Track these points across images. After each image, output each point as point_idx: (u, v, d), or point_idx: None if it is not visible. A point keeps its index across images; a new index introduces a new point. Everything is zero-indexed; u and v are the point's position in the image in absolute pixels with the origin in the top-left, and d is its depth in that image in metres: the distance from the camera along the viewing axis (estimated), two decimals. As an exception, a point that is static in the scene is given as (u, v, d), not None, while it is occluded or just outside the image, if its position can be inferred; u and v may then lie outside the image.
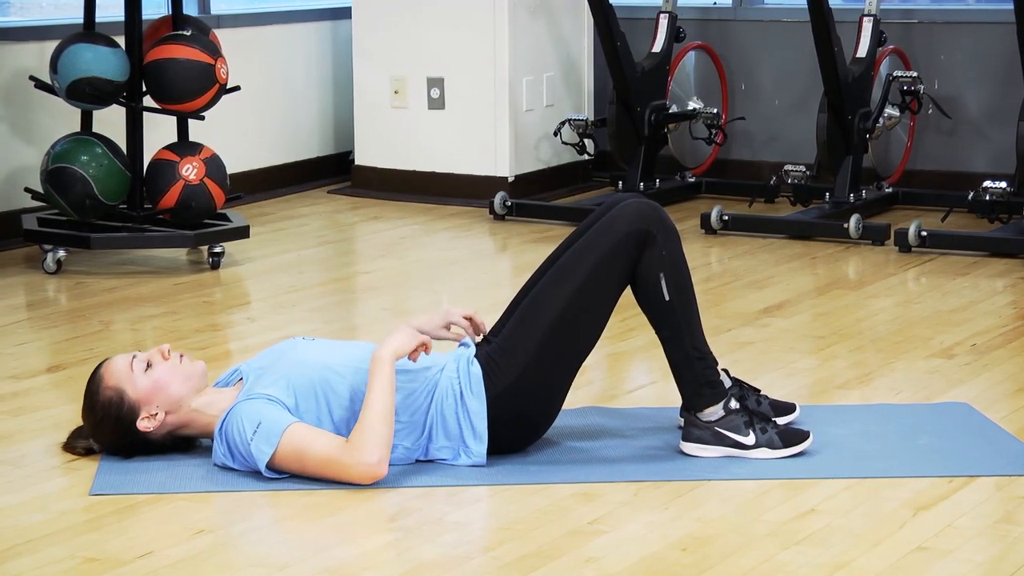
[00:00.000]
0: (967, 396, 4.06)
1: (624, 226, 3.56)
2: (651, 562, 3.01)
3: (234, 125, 6.71)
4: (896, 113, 6.51)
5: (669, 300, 3.56)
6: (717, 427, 3.57)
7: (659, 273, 3.55)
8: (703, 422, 3.58)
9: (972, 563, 2.99)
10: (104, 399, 3.48)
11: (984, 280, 5.41)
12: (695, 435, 3.59)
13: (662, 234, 3.56)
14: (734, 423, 3.57)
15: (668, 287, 3.55)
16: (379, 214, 6.71)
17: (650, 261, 3.55)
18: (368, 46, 7.07)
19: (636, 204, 3.61)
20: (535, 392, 3.54)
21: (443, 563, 3.02)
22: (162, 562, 3.01)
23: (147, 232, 5.62)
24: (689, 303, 3.58)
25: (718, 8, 7.29)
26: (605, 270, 3.55)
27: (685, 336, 3.57)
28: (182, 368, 3.50)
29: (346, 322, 5.13)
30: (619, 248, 3.55)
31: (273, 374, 3.47)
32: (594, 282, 3.55)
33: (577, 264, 3.57)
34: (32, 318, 5.08)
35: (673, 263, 3.57)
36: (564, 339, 3.54)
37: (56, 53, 5.52)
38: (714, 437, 3.57)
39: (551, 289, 3.56)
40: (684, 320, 3.57)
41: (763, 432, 3.58)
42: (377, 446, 3.34)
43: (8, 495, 3.39)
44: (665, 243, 3.56)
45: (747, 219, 6.24)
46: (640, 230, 3.55)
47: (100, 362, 3.57)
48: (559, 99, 7.13)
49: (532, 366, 3.51)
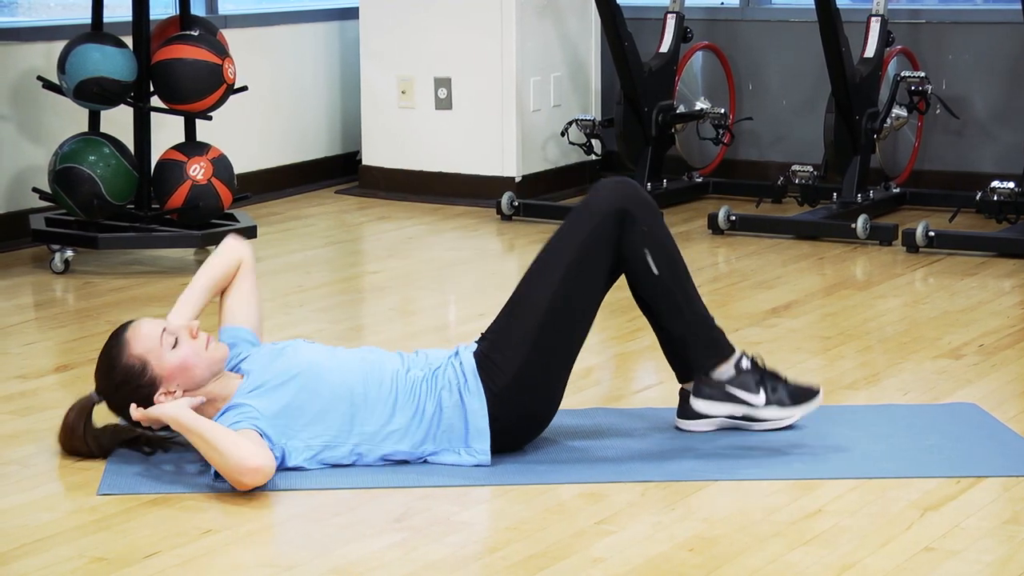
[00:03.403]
0: (975, 396, 4.06)
1: (601, 208, 3.54)
2: (658, 562, 3.01)
3: (241, 125, 6.71)
4: (904, 113, 6.50)
5: (659, 274, 3.54)
6: (728, 386, 3.57)
7: (643, 249, 3.53)
8: (714, 380, 3.57)
9: (980, 564, 2.99)
10: (127, 365, 3.45)
11: (992, 280, 5.40)
12: (705, 392, 3.59)
13: (640, 210, 3.54)
14: (744, 382, 3.58)
15: (655, 261, 3.54)
16: (386, 214, 6.72)
17: (632, 239, 3.53)
18: (375, 46, 7.07)
19: (610, 184, 3.60)
20: (535, 386, 3.53)
21: (450, 563, 3.02)
22: (170, 562, 3.02)
23: (154, 232, 5.62)
24: (680, 273, 3.57)
25: (725, 8, 7.29)
26: (588, 255, 3.53)
27: (683, 306, 3.56)
28: (208, 354, 3.48)
29: (353, 322, 5.13)
30: (598, 231, 3.53)
31: (268, 383, 3.46)
32: (578, 268, 3.53)
33: (559, 252, 3.55)
34: (40, 318, 5.08)
35: (656, 237, 3.55)
36: (557, 330, 3.53)
37: (64, 53, 5.53)
38: (724, 395, 3.58)
39: (537, 281, 3.55)
40: (679, 290, 3.56)
41: (773, 391, 3.59)
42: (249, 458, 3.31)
43: (16, 495, 3.40)
44: (645, 218, 3.54)
45: (754, 219, 6.24)
46: (617, 210, 3.53)
47: (126, 322, 3.54)
48: (566, 99, 7.13)
49: (528, 361, 3.51)
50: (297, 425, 3.44)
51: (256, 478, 3.30)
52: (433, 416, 3.50)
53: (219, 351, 3.52)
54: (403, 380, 3.51)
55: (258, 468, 3.29)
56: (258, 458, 3.30)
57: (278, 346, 3.60)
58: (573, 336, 3.56)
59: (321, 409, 3.46)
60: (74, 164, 5.49)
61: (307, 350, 3.56)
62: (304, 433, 3.45)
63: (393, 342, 4.19)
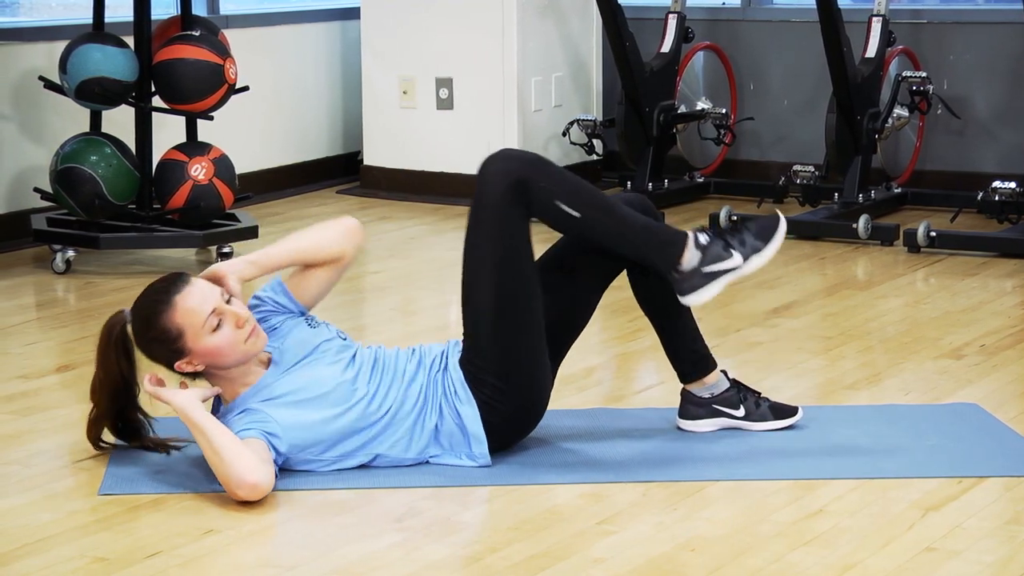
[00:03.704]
0: (976, 397, 4.06)
1: (495, 192, 3.48)
2: (659, 562, 3.01)
3: (243, 125, 6.71)
4: (905, 113, 6.50)
5: (580, 215, 3.50)
6: (703, 267, 3.51)
7: (554, 202, 3.48)
8: (687, 271, 3.52)
9: (981, 564, 2.99)
10: (163, 327, 3.38)
11: (993, 280, 5.40)
12: (686, 286, 3.53)
13: (531, 171, 3.48)
14: (714, 254, 3.53)
15: (571, 206, 3.49)
16: (388, 214, 6.72)
17: (539, 202, 3.48)
18: (377, 46, 7.08)
19: (490, 166, 3.51)
20: (518, 382, 3.52)
21: (451, 563, 3.02)
22: (171, 562, 3.02)
23: (156, 232, 5.62)
24: (598, 203, 3.52)
25: (727, 8, 7.29)
26: (507, 239, 3.49)
27: (618, 227, 3.51)
28: (244, 347, 3.41)
29: (355, 322, 5.13)
30: (503, 213, 3.48)
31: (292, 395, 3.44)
32: (504, 255, 3.50)
33: (479, 246, 3.52)
34: (41, 318, 5.08)
35: (560, 185, 3.49)
36: (514, 321, 3.50)
37: (65, 53, 5.53)
38: (704, 278, 3.52)
39: (474, 285, 3.52)
40: (605, 217, 3.52)
41: (743, 244, 3.56)
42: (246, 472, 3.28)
43: (17, 495, 3.40)
44: (540, 176, 3.48)
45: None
46: (510, 185, 3.47)
47: (182, 277, 3.43)
48: (568, 99, 7.13)
49: (503, 361, 3.50)
50: (311, 441, 3.44)
51: (251, 494, 3.27)
52: (433, 427, 3.51)
53: (256, 345, 3.44)
54: (410, 399, 3.51)
55: (255, 484, 3.26)
56: (257, 474, 3.27)
57: (309, 345, 3.53)
58: (531, 321, 3.52)
59: (339, 433, 3.46)
60: (75, 164, 5.49)
61: (331, 365, 3.51)
62: (316, 447, 3.45)
63: (394, 342, 4.19)
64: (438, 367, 3.56)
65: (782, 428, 3.74)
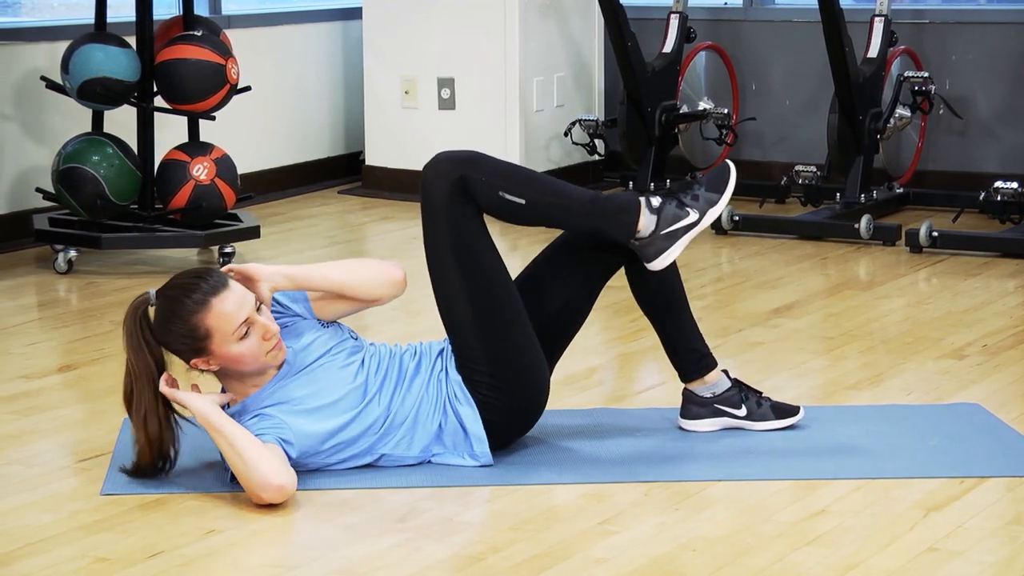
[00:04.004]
0: (978, 397, 4.06)
1: (440, 195, 3.49)
2: (661, 562, 3.01)
3: (245, 125, 6.72)
4: (907, 113, 6.50)
5: (525, 201, 3.50)
6: (661, 231, 3.50)
7: (497, 192, 3.49)
8: (647, 238, 3.51)
9: (983, 564, 2.99)
10: (193, 325, 3.32)
11: (995, 281, 5.40)
12: (650, 252, 3.52)
13: (467, 167, 3.49)
14: (670, 214, 3.52)
15: (513, 194, 3.49)
16: (389, 214, 6.72)
17: (481, 194, 3.48)
18: (379, 46, 7.08)
19: (429, 171, 3.53)
20: (512, 380, 3.52)
21: (453, 563, 3.02)
22: (173, 562, 3.02)
23: (158, 232, 5.62)
24: (541, 186, 3.52)
25: (729, 8, 7.29)
26: (465, 239, 3.50)
27: (565, 207, 3.51)
28: (264, 359, 3.39)
29: (357, 321, 5.12)
30: (453, 214, 3.49)
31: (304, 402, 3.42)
32: (465, 257, 3.50)
33: (437, 251, 3.53)
34: (43, 318, 5.09)
35: (499, 176, 3.50)
36: (494, 318, 3.51)
37: (67, 53, 5.53)
38: (665, 239, 3.51)
39: (443, 291, 3.53)
40: (552, 197, 3.52)
41: (696, 199, 3.55)
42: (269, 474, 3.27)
43: (19, 495, 3.40)
44: (478, 171, 3.49)
45: (758, 219, 6.23)
46: (451, 185, 3.48)
47: (225, 276, 3.38)
48: (569, 99, 7.13)
49: (492, 357, 3.50)
50: (321, 448, 3.44)
51: (276, 496, 3.26)
52: (435, 427, 3.52)
53: (276, 358, 3.42)
54: (413, 399, 3.51)
55: (281, 487, 3.26)
56: (282, 477, 3.26)
57: (322, 348, 3.52)
58: (509, 316, 3.52)
59: (348, 438, 3.46)
60: (77, 164, 5.49)
61: (342, 370, 3.50)
62: (325, 453, 3.45)
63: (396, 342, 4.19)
64: (439, 367, 3.56)
65: (784, 428, 3.74)
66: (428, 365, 3.56)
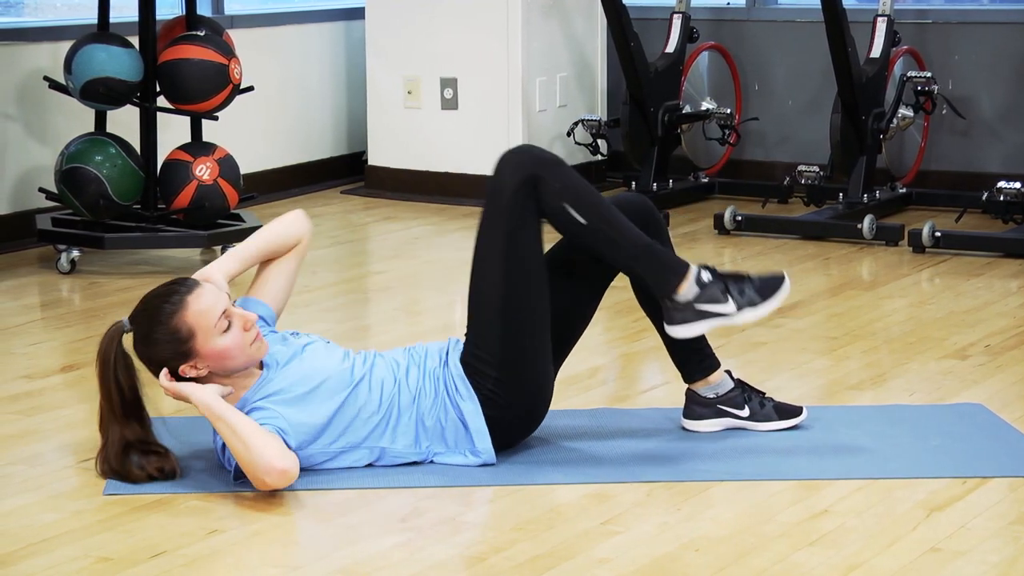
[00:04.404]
0: (981, 397, 4.05)
1: (508, 184, 3.50)
2: (664, 563, 3.01)
3: (248, 125, 6.72)
4: (910, 113, 6.50)
5: (587, 223, 3.51)
6: (696, 304, 3.53)
7: (562, 204, 3.49)
8: (682, 303, 3.54)
9: (986, 564, 2.99)
10: (174, 327, 3.38)
11: (998, 281, 5.40)
12: (677, 318, 3.54)
13: (545, 169, 3.50)
14: (711, 295, 3.54)
15: (578, 211, 3.50)
16: (392, 214, 6.72)
17: (548, 199, 3.49)
18: (382, 46, 7.08)
19: (507, 158, 3.54)
20: (520, 378, 3.52)
21: (456, 563, 3.02)
22: (176, 562, 3.02)
23: (161, 232, 5.62)
24: (606, 214, 3.53)
25: (732, 8, 7.29)
26: (516, 234, 3.51)
27: (620, 241, 3.52)
28: (249, 350, 3.43)
29: (358, 322, 5.13)
30: (515, 207, 3.50)
31: (291, 390, 3.44)
32: (513, 251, 3.51)
33: (490, 243, 3.53)
34: (46, 318, 5.09)
35: (570, 188, 3.51)
36: (520, 317, 3.51)
37: (70, 53, 5.53)
38: (696, 314, 3.53)
39: (481, 277, 3.54)
40: (611, 229, 3.52)
41: (740, 294, 3.56)
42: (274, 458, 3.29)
43: (22, 495, 3.40)
44: (554, 176, 3.50)
45: (760, 220, 6.23)
46: (523, 179, 3.49)
47: (192, 280, 3.45)
48: (572, 99, 7.13)
49: (505, 356, 3.50)
50: (317, 434, 3.44)
51: (280, 480, 3.28)
52: (435, 424, 3.51)
53: (260, 351, 3.46)
54: (409, 392, 3.51)
55: (284, 470, 3.27)
56: (285, 460, 3.28)
57: (295, 344, 3.56)
58: (537, 317, 3.53)
59: (341, 422, 3.46)
60: (80, 164, 5.49)
61: (329, 358, 3.54)
62: (322, 439, 3.45)
63: (398, 343, 4.19)
64: (437, 362, 3.56)
65: (787, 428, 3.74)
66: (424, 360, 3.56)
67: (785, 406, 3.77)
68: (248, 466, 3.29)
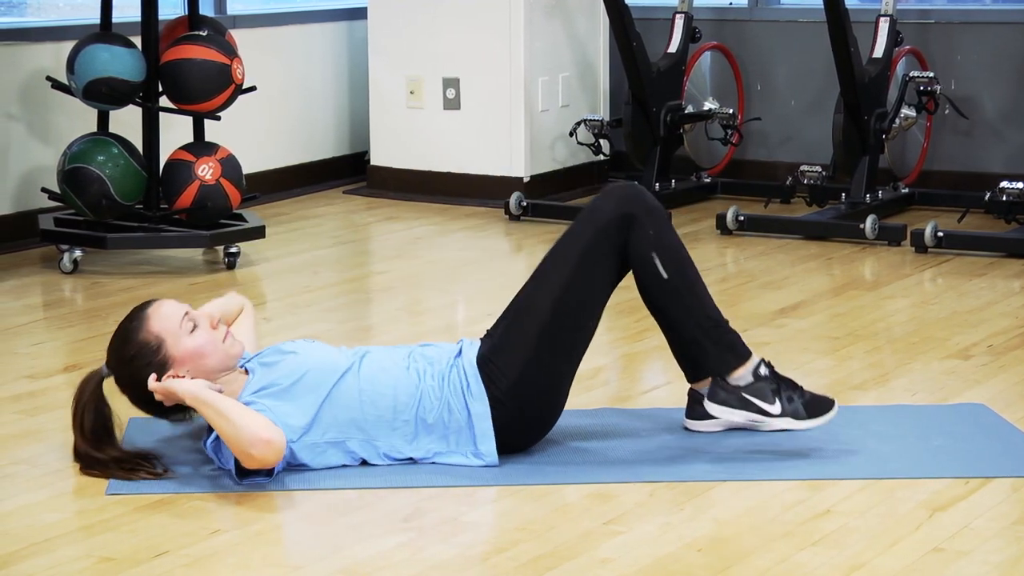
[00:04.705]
0: (983, 397, 4.05)
1: (606, 213, 3.53)
2: (666, 563, 3.01)
3: (250, 125, 6.72)
4: (912, 113, 6.50)
5: (668, 278, 3.53)
6: (744, 392, 3.56)
7: (651, 253, 3.52)
8: (731, 386, 3.56)
9: (988, 564, 2.99)
10: (142, 340, 3.44)
11: (1001, 281, 5.40)
12: (720, 396, 3.57)
13: (645, 214, 3.53)
14: (761, 390, 3.56)
15: (663, 265, 3.52)
16: (394, 214, 6.72)
17: (638, 243, 3.52)
18: (384, 46, 7.08)
19: (616, 189, 3.59)
20: (537, 389, 3.53)
21: (458, 563, 3.02)
22: (178, 562, 3.02)
23: (163, 232, 5.63)
24: (689, 276, 3.56)
25: (734, 8, 7.29)
26: (592, 259, 3.52)
27: (695, 309, 3.54)
28: (224, 347, 3.48)
29: (361, 322, 5.13)
30: (603, 235, 3.52)
31: (278, 383, 3.46)
32: (582, 273, 3.52)
33: (563, 257, 3.54)
34: (48, 318, 5.09)
35: (663, 241, 3.54)
36: (561, 334, 3.52)
37: (73, 53, 5.53)
38: (739, 401, 3.56)
39: (541, 285, 3.54)
40: (689, 294, 3.54)
41: (789, 401, 3.57)
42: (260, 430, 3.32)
43: (24, 494, 3.40)
44: (651, 223, 3.53)
45: (763, 220, 6.23)
46: (622, 215, 3.52)
47: (149, 300, 3.53)
48: (575, 99, 7.13)
49: (531, 364, 3.50)
50: (308, 420, 3.44)
51: (266, 452, 3.28)
52: (437, 422, 3.51)
53: (235, 347, 3.51)
54: (408, 386, 3.50)
55: (270, 440, 3.28)
56: (271, 431, 3.29)
57: (283, 347, 3.60)
58: (576, 340, 3.56)
59: (330, 412, 3.46)
60: (83, 164, 5.50)
61: (314, 351, 3.55)
62: (314, 432, 3.45)
63: (400, 343, 4.19)
64: (447, 360, 3.55)
65: (792, 429, 3.72)
66: (434, 356, 3.56)
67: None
68: (234, 442, 3.30)
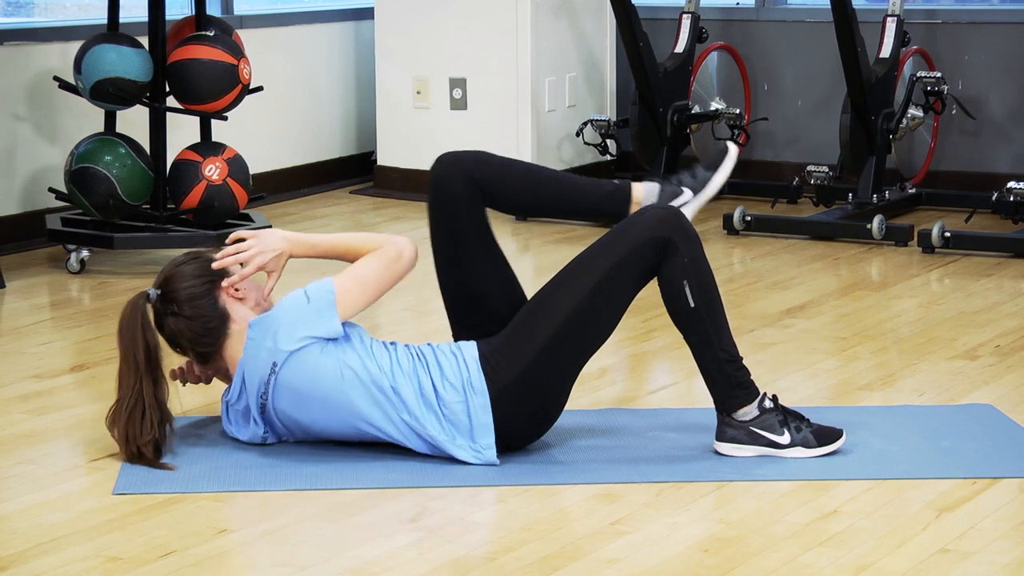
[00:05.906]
0: (990, 397, 4.05)
1: (643, 233, 3.55)
2: (674, 563, 3.01)
3: (257, 125, 6.72)
4: (920, 114, 6.49)
5: (695, 307, 3.55)
6: (751, 426, 3.57)
7: (683, 281, 3.54)
8: (737, 422, 3.57)
9: (996, 565, 2.99)
10: (199, 265, 3.65)
11: (1008, 281, 5.39)
12: (729, 435, 3.58)
13: (683, 241, 3.55)
14: (768, 422, 3.57)
15: (693, 294, 3.55)
16: (401, 214, 6.72)
17: (672, 269, 3.54)
18: (391, 46, 7.08)
19: (657, 211, 3.61)
20: (539, 388, 3.53)
21: (465, 563, 3.02)
22: (185, 562, 3.02)
23: (170, 232, 5.63)
24: (715, 308, 3.57)
25: (741, 8, 7.29)
26: (620, 275, 3.54)
27: (713, 341, 3.56)
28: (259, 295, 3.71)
29: (367, 322, 5.13)
30: (636, 254, 3.54)
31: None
32: (608, 286, 3.54)
33: (592, 266, 3.56)
34: (56, 318, 5.09)
35: (696, 270, 3.55)
36: (571, 340, 3.54)
37: (80, 53, 5.54)
38: (748, 436, 3.57)
39: (563, 289, 3.55)
40: (711, 325, 3.56)
41: (797, 431, 3.58)
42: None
43: (31, 494, 3.40)
44: (687, 250, 3.55)
45: (770, 220, 6.23)
46: (660, 237, 3.54)
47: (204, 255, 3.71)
48: (581, 100, 7.13)
49: (535, 364, 3.51)
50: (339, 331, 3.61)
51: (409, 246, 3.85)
52: (435, 409, 3.50)
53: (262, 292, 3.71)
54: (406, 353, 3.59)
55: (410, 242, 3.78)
56: (403, 237, 3.75)
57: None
58: (585, 348, 3.58)
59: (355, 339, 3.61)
60: (90, 164, 5.50)
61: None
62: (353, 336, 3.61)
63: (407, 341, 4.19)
64: (452, 356, 3.56)
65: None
66: (438, 350, 3.58)
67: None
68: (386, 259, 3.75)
